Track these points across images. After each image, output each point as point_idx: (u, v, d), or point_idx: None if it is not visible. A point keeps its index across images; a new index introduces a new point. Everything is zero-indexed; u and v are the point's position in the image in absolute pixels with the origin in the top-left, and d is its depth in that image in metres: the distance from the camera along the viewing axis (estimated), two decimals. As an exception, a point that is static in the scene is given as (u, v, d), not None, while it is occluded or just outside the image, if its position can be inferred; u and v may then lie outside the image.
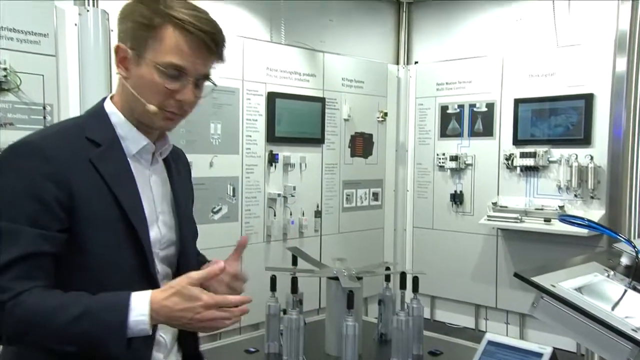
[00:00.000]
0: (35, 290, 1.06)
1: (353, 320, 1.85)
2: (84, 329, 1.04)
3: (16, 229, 1.06)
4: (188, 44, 1.14)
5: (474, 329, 4.35)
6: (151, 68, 1.15)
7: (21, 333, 1.05)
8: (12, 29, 2.65)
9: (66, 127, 1.22)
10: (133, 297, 1.07)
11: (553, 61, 3.87)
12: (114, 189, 1.15)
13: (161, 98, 1.16)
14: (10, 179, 1.09)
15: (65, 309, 1.04)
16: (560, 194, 3.82)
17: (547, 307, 1.30)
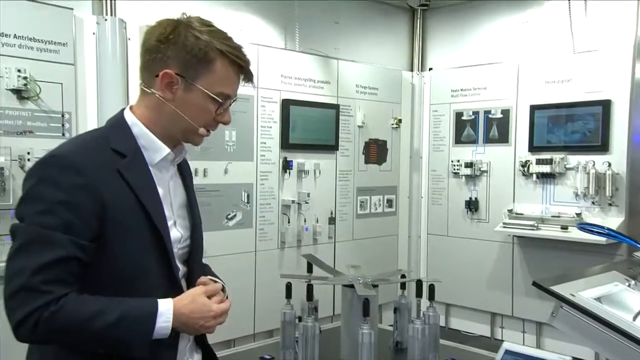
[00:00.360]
0: (72, 295, 1.14)
1: (369, 328, 1.84)
2: (118, 335, 1.15)
3: (52, 235, 1.13)
4: (234, 75, 1.30)
5: (490, 337, 4.30)
6: (202, 95, 1.27)
7: (59, 336, 1.14)
8: (32, 38, 2.70)
9: (92, 140, 1.29)
10: (160, 306, 1.20)
11: (569, 67, 3.84)
12: (140, 197, 1.24)
13: (208, 120, 1.30)
14: (46, 190, 1.15)
15: (103, 315, 1.14)
16: (577, 201, 3.78)
17: (566, 316, 1.28)
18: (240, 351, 2.27)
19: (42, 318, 1.10)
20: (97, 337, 1.14)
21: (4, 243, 2.61)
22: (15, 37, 2.65)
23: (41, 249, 1.12)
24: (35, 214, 1.14)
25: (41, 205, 1.14)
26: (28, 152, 2.66)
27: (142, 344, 1.16)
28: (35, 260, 1.11)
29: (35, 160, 2.61)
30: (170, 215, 1.33)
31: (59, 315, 1.11)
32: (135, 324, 1.16)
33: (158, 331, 1.17)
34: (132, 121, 1.30)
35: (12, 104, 2.65)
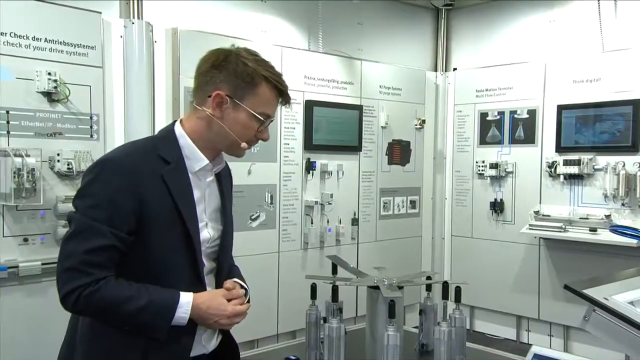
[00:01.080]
0: (109, 279, 1.33)
1: (394, 330, 1.83)
2: (143, 318, 1.34)
3: (98, 226, 1.33)
4: (275, 98, 1.48)
5: (516, 340, 4.24)
6: (247, 114, 1.45)
7: (94, 312, 1.35)
8: (62, 42, 2.76)
9: (143, 146, 1.48)
10: (181, 298, 1.38)
11: (598, 66, 3.76)
12: (177, 200, 1.41)
13: (250, 136, 1.48)
14: (97, 188, 1.36)
15: (132, 300, 1.33)
16: (606, 203, 3.70)
17: (599, 320, 1.25)
18: (265, 351, 2.28)
19: (82, 295, 1.31)
20: (125, 318, 1.34)
21: (36, 242, 2.68)
22: (46, 41, 2.71)
23: (89, 237, 1.32)
24: (87, 208, 1.35)
25: (92, 201, 1.35)
26: (58, 154, 2.72)
27: (162, 328, 1.36)
28: (83, 246, 1.31)
29: (65, 162, 2.70)
30: (203, 217, 1.49)
31: (96, 295, 1.31)
32: (158, 311, 1.35)
33: (177, 319, 1.36)
34: (180, 133, 1.48)
35: (42, 107, 2.71)
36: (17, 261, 2.61)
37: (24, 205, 2.62)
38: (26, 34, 2.65)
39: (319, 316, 2.10)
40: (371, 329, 2.08)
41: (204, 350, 1.51)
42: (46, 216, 2.71)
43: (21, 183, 2.55)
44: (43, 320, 2.65)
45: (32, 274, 2.64)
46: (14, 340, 2.61)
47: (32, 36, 2.67)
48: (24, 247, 2.65)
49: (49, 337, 2.58)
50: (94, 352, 1.39)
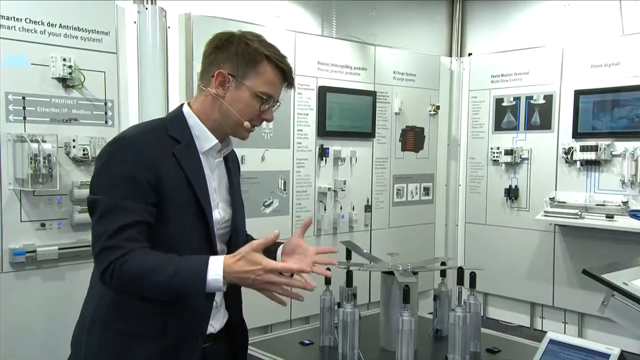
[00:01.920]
0: (138, 250, 1.33)
1: (409, 315, 1.83)
2: (176, 285, 1.31)
3: (124, 203, 1.34)
4: (278, 78, 1.48)
5: (530, 327, 4.23)
6: (249, 92, 1.45)
7: (126, 284, 1.33)
8: (76, 27, 2.76)
9: (154, 127, 1.50)
10: (210, 261, 1.32)
11: (617, 50, 3.69)
12: (190, 177, 1.43)
13: (253, 116, 1.48)
14: (115, 166, 1.38)
15: (163, 268, 1.31)
16: (624, 189, 3.65)
17: (618, 305, 1.24)
18: (280, 336, 2.30)
19: (116, 269, 1.31)
20: (159, 287, 1.32)
21: (53, 227, 2.71)
22: (61, 27, 2.72)
23: (117, 215, 1.33)
24: (108, 187, 1.36)
25: (112, 179, 1.36)
26: (73, 140, 2.73)
27: (196, 293, 1.34)
28: (112, 225, 1.32)
29: (80, 148, 2.72)
30: (214, 197, 1.50)
31: (126, 266, 1.31)
32: (189, 276, 1.31)
33: (210, 283, 1.30)
34: (189, 114, 1.50)
35: (58, 93, 2.72)
36: (35, 246, 2.65)
37: (40, 191, 2.64)
38: (41, 20, 2.66)
39: (333, 301, 2.11)
40: (385, 314, 2.08)
41: (211, 329, 1.51)
42: (62, 201, 2.74)
43: (38, 169, 2.57)
44: (60, 304, 2.69)
45: (50, 259, 2.68)
46: (31, 324, 2.66)
47: (47, 22, 2.68)
48: (41, 232, 2.68)
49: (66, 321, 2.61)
50: (112, 328, 1.41)
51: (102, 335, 1.42)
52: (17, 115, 2.61)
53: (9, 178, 2.60)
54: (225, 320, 1.57)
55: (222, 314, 1.56)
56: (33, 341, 2.66)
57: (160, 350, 1.40)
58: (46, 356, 2.67)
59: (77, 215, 2.73)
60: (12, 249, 2.59)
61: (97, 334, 1.43)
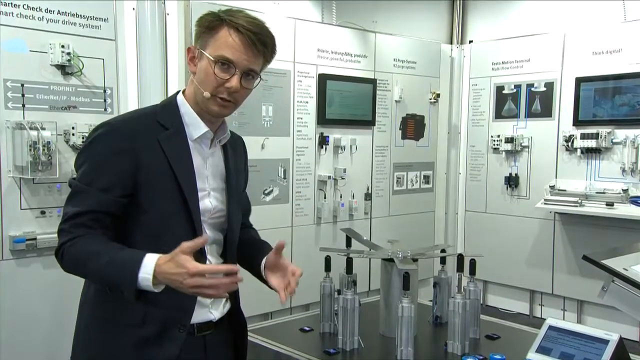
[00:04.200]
0: (86, 236, 1.33)
1: (409, 302, 1.83)
2: (108, 274, 1.32)
3: (88, 190, 1.35)
4: (237, 41, 1.37)
5: (529, 315, 4.25)
6: (207, 60, 1.38)
7: (71, 268, 1.37)
8: (75, 14, 2.74)
9: (143, 113, 1.49)
10: (145, 258, 1.28)
11: (619, 37, 3.67)
12: (173, 165, 1.39)
13: (214, 85, 1.39)
14: (93, 152, 1.38)
15: (99, 256, 1.31)
16: (624, 177, 3.65)
17: (618, 291, 1.25)
18: (280, 322, 2.31)
19: (65, 252, 1.34)
20: (95, 274, 1.35)
21: (53, 215, 2.71)
22: (59, 13, 2.69)
23: (79, 201, 1.35)
24: (82, 171, 1.37)
25: (88, 164, 1.37)
26: (73, 127, 2.72)
27: (127, 288, 1.28)
28: (72, 209, 1.35)
29: (79, 135, 2.71)
30: (204, 186, 1.46)
31: (70, 250, 1.33)
32: (120, 269, 1.29)
33: (141, 281, 1.27)
34: (181, 101, 1.47)
35: (57, 80, 2.71)
36: (35, 233, 2.65)
37: (40, 179, 2.64)
38: (39, 6, 2.63)
39: (334, 288, 2.11)
40: (385, 301, 2.09)
41: (211, 316, 1.50)
42: (62, 189, 2.73)
43: (37, 156, 2.56)
44: (60, 291, 2.70)
45: (50, 246, 2.68)
46: (32, 311, 2.67)
47: (46, 8, 2.65)
48: (41, 219, 2.68)
49: (66, 307, 2.61)
50: (96, 315, 1.43)
51: (88, 321, 1.44)
52: (16, 102, 2.60)
53: (8, 165, 2.59)
54: (227, 309, 1.56)
55: (222, 303, 1.54)
56: (34, 328, 2.67)
57: (141, 339, 1.39)
58: (47, 343, 2.68)
59: (77, 203, 2.73)
60: (13, 237, 2.60)
61: (84, 320, 1.45)
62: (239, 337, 1.61)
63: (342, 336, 1.92)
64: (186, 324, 1.43)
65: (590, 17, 3.87)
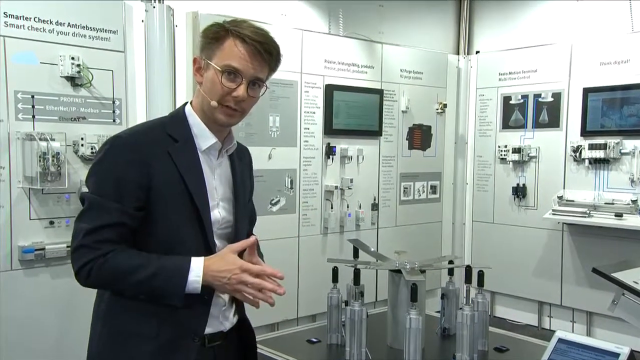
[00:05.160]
0: (117, 251, 1.34)
1: (417, 314, 1.83)
2: (156, 284, 1.33)
3: (105, 203, 1.35)
4: (243, 50, 1.39)
5: (537, 326, 4.21)
6: (213, 70, 1.41)
7: (105, 283, 1.37)
8: (84, 26, 2.77)
9: (152, 125, 1.51)
10: (192, 262, 1.34)
11: (627, 48, 3.66)
12: (185, 176, 1.41)
13: (221, 94, 1.41)
14: (106, 165, 1.39)
15: (143, 268, 1.33)
16: (633, 188, 3.62)
17: (629, 304, 1.23)
18: (287, 334, 2.30)
19: (94, 268, 1.33)
20: (137, 286, 1.34)
21: (62, 225, 2.73)
22: (69, 26, 2.72)
23: (96, 215, 1.35)
24: (96, 185, 1.38)
25: (101, 178, 1.38)
26: (82, 138, 2.74)
27: (176, 295, 1.33)
28: (92, 224, 1.34)
29: (88, 146, 2.73)
30: (214, 197, 1.48)
31: (106, 266, 1.33)
32: (169, 277, 1.33)
33: (190, 285, 1.32)
34: (189, 112, 1.49)
35: (66, 91, 2.73)
36: (44, 243, 2.66)
37: (49, 189, 2.66)
38: (49, 19, 2.67)
39: (341, 299, 2.11)
40: (393, 313, 2.08)
41: (221, 327, 1.51)
42: (71, 199, 2.75)
43: (46, 167, 2.58)
44: (68, 301, 2.71)
45: (58, 256, 2.69)
46: (40, 321, 2.67)
47: (56, 21, 2.68)
48: (50, 229, 2.70)
49: (74, 317, 2.64)
50: (109, 327, 1.43)
51: (102, 332, 1.44)
52: (26, 113, 2.62)
53: (18, 176, 2.61)
54: (236, 319, 1.56)
55: (232, 313, 1.55)
56: (42, 338, 2.68)
57: (156, 351, 1.40)
58: (55, 353, 2.69)
59: (85, 213, 2.75)
60: (22, 247, 2.61)
61: (98, 332, 1.45)
62: (249, 348, 1.61)
63: (349, 348, 1.92)
64: (200, 334, 1.44)
65: (598, 28, 3.86)
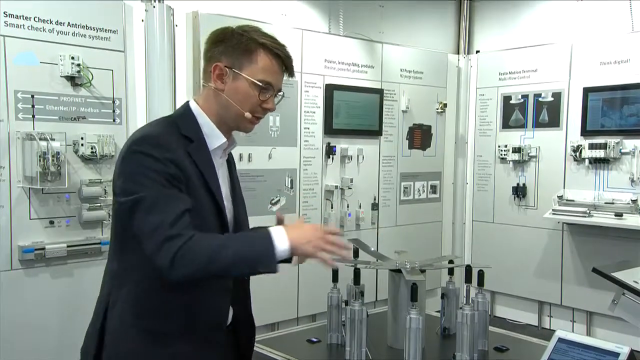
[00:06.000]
0: (197, 234, 1.33)
1: (417, 314, 1.82)
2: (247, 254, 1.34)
3: (170, 192, 1.35)
4: (276, 66, 1.47)
5: (537, 326, 4.21)
6: (247, 82, 1.44)
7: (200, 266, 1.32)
8: (85, 26, 2.77)
9: (167, 125, 1.49)
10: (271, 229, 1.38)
11: (627, 47, 3.66)
12: (205, 174, 1.45)
13: (253, 106, 1.47)
14: (148, 163, 1.37)
15: (229, 244, 1.35)
16: (633, 187, 3.62)
17: (628, 304, 1.23)
18: (286, 333, 2.30)
19: (184, 256, 1.30)
20: (229, 261, 1.33)
21: (62, 225, 2.73)
22: (69, 25, 2.73)
23: (168, 205, 1.33)
24: (148, 183, 1.34)
25: (150, 175, 1.35)
26: (82, 138, 2.74)
27: (269, 258, 1.34)
28: (168, 215, 1.32)
29: (88, 146, 2.73)
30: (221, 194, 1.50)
31: (196, 249, 1.31)
32: (257, 244, 1.35)
33: (278, 247, 1.34)
34: (197, 112, 1.50)
35: (66, 91, 2.73)
36: (44, 243, 2.66)
37: (49, 189, 2.66)
38: (49, 19, 2.67)
39: (341, 299, 2.10)
40: (393, 312, 2.08)
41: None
42: (71, 199, 2.75)
43: (46, 167, 2.58)
44: (68, 301, 2.71)
45: (58, 256, 2.70)
46: (40, 320, 2.67)
47: (56, 21, 2.69)
48: (50, 229, 2.70)
49: (74, 317, 2.64)
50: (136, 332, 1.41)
51: (126, 335, 1.41)
52: (27, 113, 2.63)
53: (18, 176, 2.61)
54: (231, 315, 1.57)
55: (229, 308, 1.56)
56: (43, 338, 2.68)
57: (185, 347, 1.42)
58: (55, 353, 2.69)
59: (85, 213, 2.75)
60: (22, 247, 2.61)
61: (121, 335, 1.41)
62: (245, 343, 1.63)
63: (349, 347, 1.92)
64: (225, 324, 1.51)
65: (598, 28, 3.86)
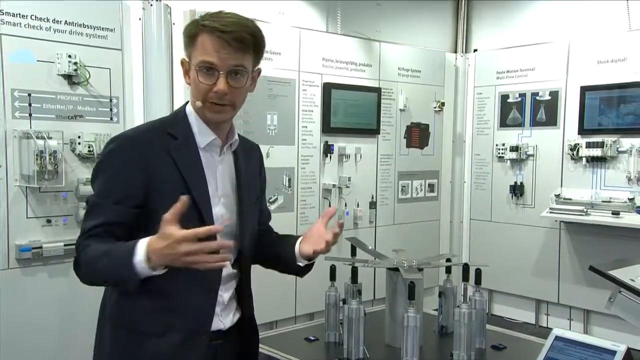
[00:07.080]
0: (93, 244, 1.35)
1: (414, 312, 1.83)
2: (112, 271, 1.32)
3: (102, 204, 1.38)
4: (217, 42, 1.37)
5: (534, 324, 4.22)
6: (193, 69, 1.40)
7: (87, 277, 1.38)
8: (82, 24, 2.76)
9: (154, 124, 1.53)
10: (138, 244, 1.28)
11: (624, 46, 3.67)
12: (184, 174, 1.41)
13: (202, 92, 1.40)
14: (106, 165, 1.41)
15: (104, 255, 1.32)
16: (630, 186, 3.63)
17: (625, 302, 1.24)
18: (285, 332, 2.30)
19: (77, 262, 1.38)
20: (102, 273, 1.34)
21: (59, 224, 2.72)
22: (67, 24, 2.72)
23: (96, 214, 1.38)
24: (97, 185, 1.42)
25: (102, 178, 1.41)
26: (79, 136, 2.74)
27: (129, 275, 1.27)
28: (89, 223, 1.38)
29: (85, 144, 2.73)
30: (215, 193, 1.47)
31: (82, 257, 1.36)
32: (119, 262, 1.29)
33: (137, 265, 1.25)
34: (190, 111, 1.49)
35: (63, 89, 2.73)
36: (41, 242, 2.66)
37: (46, 187, 2.65)
38: (47, 17, 2.66)
39: (339, 297, 2.11)
40: (391, 311, 2.08)
41: (221, 325, 1.50)
42: (68, 198, 2.75)
43: (43, 165, 2.58)
44: (66, 300, 2.70)
45: (56, 255, 2.69)
46: (37, 319, 2.67)
47: (53, 19, 2.68)
48: (47, 228, 2.69)
49: (72, 316, 2.63)
50: (117, 326, 1.44)
51: (111, 333, 1.45)
52: (23, 112, 2.62)
53: (15, 174, 2.60)
54: (237, 317, 1.55)
55: (232, 311, 1.54)
56: (40, 337, 2.67)
57: (165, 349, 1.41)
58: (53, 352, 2.68)
59: (82, 211, 2.72)
60: (19, 245, 2.60)
61: (107, 332, 1.46)
62: (251, 346, 1.61)
63: (347, 346, 1.92)
64: (208, 329, 1.46)
65: (595, 26, 3.87)
